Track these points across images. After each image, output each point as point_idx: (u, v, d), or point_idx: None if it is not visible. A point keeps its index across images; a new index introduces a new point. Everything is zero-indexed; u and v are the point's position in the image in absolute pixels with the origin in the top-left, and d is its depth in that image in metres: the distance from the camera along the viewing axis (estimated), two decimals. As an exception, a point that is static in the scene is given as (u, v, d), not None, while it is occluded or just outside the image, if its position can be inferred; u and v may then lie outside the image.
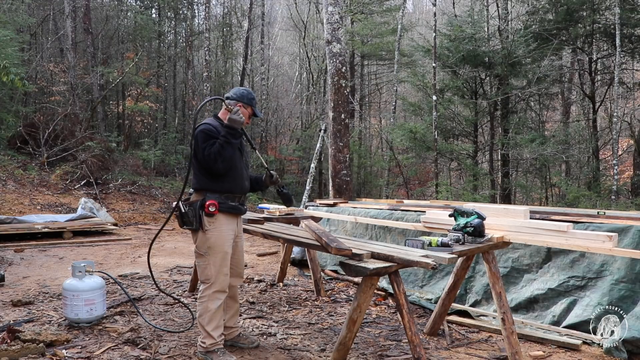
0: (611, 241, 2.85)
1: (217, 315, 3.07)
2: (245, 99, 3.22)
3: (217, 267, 3.05)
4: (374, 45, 17.55)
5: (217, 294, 3.06)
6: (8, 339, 3.22)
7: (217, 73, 21.60)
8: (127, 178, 13.34)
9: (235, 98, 3.19)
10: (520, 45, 11.02)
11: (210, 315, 3.04)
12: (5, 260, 6.26)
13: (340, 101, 8.91)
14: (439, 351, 3.44)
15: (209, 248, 3.04)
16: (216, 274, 3.05)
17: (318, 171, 17.11)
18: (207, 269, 3.06)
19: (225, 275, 3.09)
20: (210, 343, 3.05)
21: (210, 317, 3.04)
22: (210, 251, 3.04)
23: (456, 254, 2.86)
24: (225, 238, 3.08)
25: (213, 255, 3.05)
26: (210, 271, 3.05)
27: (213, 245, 3.04)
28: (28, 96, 14.91)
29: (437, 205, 5.21)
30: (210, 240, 3.04)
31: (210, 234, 3.04)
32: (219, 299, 3.07)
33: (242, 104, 3.19)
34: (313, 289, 5.01)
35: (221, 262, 3.06)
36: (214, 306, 3.04)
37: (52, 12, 16.53)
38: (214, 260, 3.05)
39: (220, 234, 3.06)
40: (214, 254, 3.05)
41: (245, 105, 3.21)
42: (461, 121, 12.61)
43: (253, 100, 3.26)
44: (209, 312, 3.04)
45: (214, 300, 3.05)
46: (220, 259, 3.06)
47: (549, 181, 13.36)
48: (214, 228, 3.05)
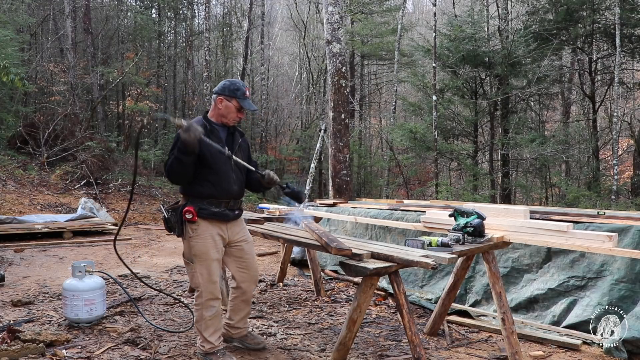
0: (611, 241, 2.85)
1: (213, 322, 2.99)
2: (227, 91, 2.94)
3: (204, 276, 2.93)
4: (374, 45, 17.56)
5: (209, 301, 2.96)
6: (8, 339, 3.22)
7: (217, 73, 21.60)
8: (127, 178, 13.34)
9: (216, 91, 2.97)
10: (520, 45, 11.02)
11: (206, 322, 2.97)
12: (5, 260, 6.26)
13: (340, 101, 8.91)
14: (439, 351, 3.44)
15: (194, 256, 2.92)
16: (205, 282, 2.93)
17: (318, 171, 17.11)
18: (194, 277, 2.95)
19: (214, 283, 2.95)
20: (208, 347, 3.01)
21: (206, 325, 2.98)
22: (196, 259, 2.92)
23: (456, 254, 2.85)
24: (209, 246, 2.92)
25: (199, 263, 2.92)
26: (197, 279, 2.94)
27: (198, 253, 2.91)
28: (28, 96, 14.91)
29: (437, 205, 5.21)
30: (195, 248, 2.91)
31: (194, 241, 2.91)
32: (213, 306, 2.97)
33: (223, 97, 2.94)
34: (313, 289, 5.01)
35: (208, 270, 2.93)
36: (209, 314, 2.96)
37: (52, 12, 16.53)
38: (200, 268, 2.93)
39: (204, 241, 2.92)
40: (199, 262, 2.92)
41: (228, 97, 2.93)
42: (461, 121, 12.61)
43: (237, 91, 2.94)
44: (204, 320, 2.97)
45: (208, 308, 2.96)
46: (206, 267, 2.93)
47: (549, 181, 13.36)
48: (196, 235, 2.91)
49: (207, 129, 2.89)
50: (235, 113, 2.98)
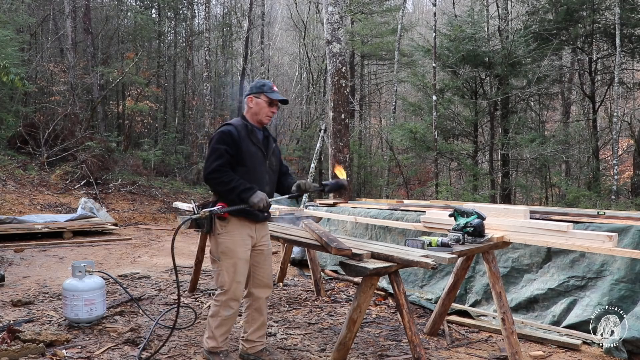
0: (611, 241, 2.85)
1: (227, 322, 2.97)
2: (254, 89, 2.99)
3: (230, 274, 2.90)
4: (374, 45, 17.55)
5: (230, 302, 2.93)
6: (8, 339, 3.22)
7: (217, 73, 21.62)
8: (127, 178, 13.35)
9: (246, 94, 3.03)
10: (520, 45, 11.02)
11: (221, 320, 2.95)
12: (5, 260, 6.26)
13: (340, 101, 8.91)
14: (439, 351, 3.44)
15: (222, 253, 2.90)
16: (230, 282, 2.90)
17: (318, 171, 17.09)
18: (220, 276, 2.93)
19: (238, 283, 2.93)
20: (212, 345, 2.98)
21: (219, 322, 2.95)
22: (223, 257, 2.90)
23: (456, 254, 2.85)
24: (238, 244, 2.91)
25: (225, 261, 2.90)
26: (223, 278, 2.91)
27: (226, 250, 2.90)
28: (28, 96, 14.91)
29: (437, 205, 5.22)
30: (223, 245, 2.90)
31: (223, 238, 2.90)
32: (232, 307, 2.94)
33: (253, 95, 2.98)
34: (313, 289, 5.01)
35: (235, 268, 2.90)
36: (226, 313, 2.94)
37: (52, 12, 16.53)
38: (226, 267, 2.90)
39: (233, 239, 2.90)
40: (226, 259, 2.90)
41: (257, 94, 2.97)
42: (461, 121, 12.61)
43: (264, 86, 2.98)
44: (219, 317, 2.95)
45: (227, 308, 2.93)
46: (233, 265, 2.90)
47: (549, 181, 13.36)
48: (226, 232, 2.90)
49: (247, 128, 2.94)
50: (268, 108, 2.98)
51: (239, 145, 2.86)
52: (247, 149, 2.90)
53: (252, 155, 2.93)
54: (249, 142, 2.91)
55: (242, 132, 2.90)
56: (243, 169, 2.90)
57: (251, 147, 2.92)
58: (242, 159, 2.89)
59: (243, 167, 2.90)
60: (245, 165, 2.90)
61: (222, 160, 2.81)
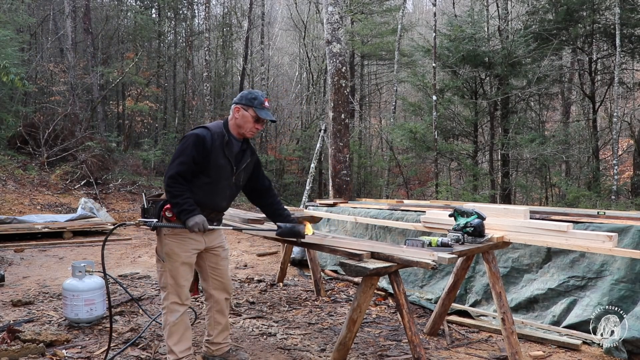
0: (611, 241, 2.85)
1: (178, 329, 2.83)
2: (244, 100, 2.83)
3: (173, 277, 2.81)
4: (374, 45, 17.55)
5: (174, 305, 2.83)
6: (8, 339, 3.22)
7: (217, 73, 21.61)
8: (127, 178, 13.35)
9: (235, 101, 2.89)
10: (520, 45, 11.02)
11: (170, 328, 2.82)
12: (5, 260, 6.26)
13: (340, 101, 8.91)
14: (439, 351, 3.44)
15: (167, 254, 2.80)
16: (172, 284, 2.81)
17: (318, 171, 17.10)
18: (163, 276, 2.83)
19: (182, 287, 2.83)
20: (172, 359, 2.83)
21: (170, 331, 2.83)
22: (167, 258, 2.80)
23: (456, 254, 2.85)
24: (185, 248, 2.82)
25: (170, 263, 2.80)
26: (166, 279, 2.82)
27: (170, 252, 2.80)
28: (28, 96, 14.92)
29: (437, 205, 5.21)
30: (167, 247, 2.80)
31: (169, 239, 2.79)
32: (178, 311, 2.83)
33: (240, 106, 2.83)
34: (313, 289, 5.01)
35: (178, 272, 2.81)
36: (173, 318, 2.82)
37: (52, 12, 16.54)
38: (170, 269, 2.80)
39: (180, 242, 2.80)
40: (171, 261, 2.80)
41: (245, 106, 2.83)
42: (461, 121, 12.61)
43: (255, 100, 2.82)
44: (168, 325, 2.82)
45: (172, 313, 2.82)
46: (177, 268, 2.80)
47: (549, 181, 13.35)
48: (173, 234, 2.79)
49: (224, 138, 2.81)
50: (253, 124, 2.85)
51: (208, 155, 2.74)
52: (215, 162, 2.78)
53: (220, 169, 2.81)
54: (220, 154, 2.79)
55: (216, 141, 2.77)
56: (206, 179, 2.80)
57: (221, 159, 2.79)
58: (207, 170, 2.78)
59: (207, 177, 2.80)
60: (209, 176, 2.80)
61: (184, 168, 2.71)
